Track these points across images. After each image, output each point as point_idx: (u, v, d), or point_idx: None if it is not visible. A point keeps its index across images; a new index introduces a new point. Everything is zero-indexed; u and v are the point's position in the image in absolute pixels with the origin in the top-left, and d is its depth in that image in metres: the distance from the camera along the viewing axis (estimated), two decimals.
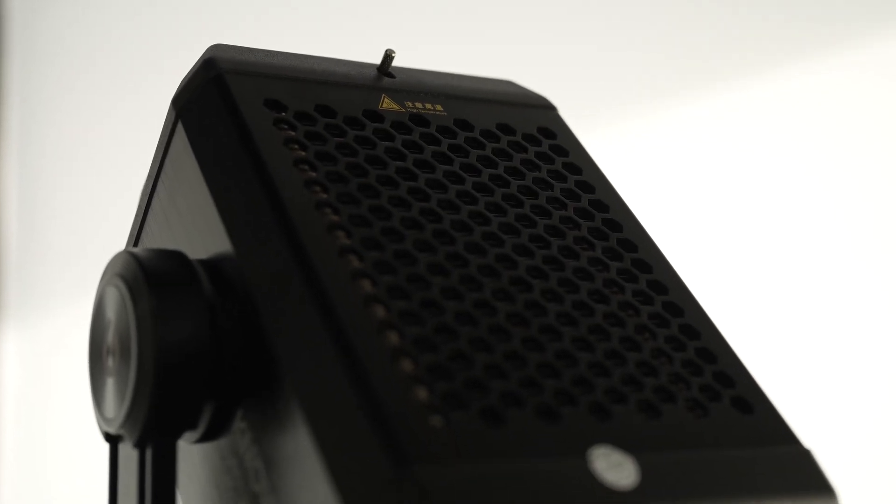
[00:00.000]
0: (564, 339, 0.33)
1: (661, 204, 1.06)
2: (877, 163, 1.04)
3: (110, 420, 0.35)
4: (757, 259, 1.07)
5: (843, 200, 1.05)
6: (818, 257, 1.05)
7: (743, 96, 1.09)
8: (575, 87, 1.05)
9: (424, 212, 0.36)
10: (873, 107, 1.05)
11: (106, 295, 0.35)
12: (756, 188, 1.07)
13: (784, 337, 1.05)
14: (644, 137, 1.10)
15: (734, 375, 0.35)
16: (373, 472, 0.28)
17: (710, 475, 0.31)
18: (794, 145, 1.07)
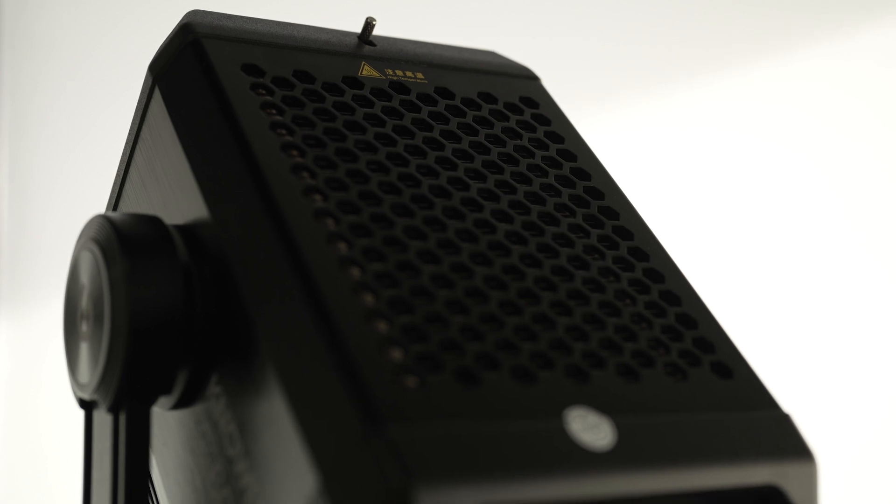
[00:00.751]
0: (542, 303, 0.33)
1: (658, 193, 1.06)
2: (871, 150, 1.03)
3: (84, 385, 0.34)
4: (753, 247, 1.06)
5: (840, 188, 1.05)
6: (814, 243, 1.05)
7: (736, 84, 1.09)
8: (570, 76, 1.05)
9: (403, 177, 0.35)
10: (868, 94, 1.04)
11: (80, 259, 0.35)
12: (752, 176, 1.07)
13: (779, 326, 1.04)
14: (640, 126, 1.10)
15: (714, 341, 0.34)
16: (345, 431, 0.28)
17: (689, 438, 0.31)
18: (790, 133, 1.06)
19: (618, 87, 1.11)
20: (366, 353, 0.29)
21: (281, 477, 0.29)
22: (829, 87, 1.06)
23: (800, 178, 1.06)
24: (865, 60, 1.05)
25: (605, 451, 0.29)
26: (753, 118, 1.08)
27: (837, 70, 1.06)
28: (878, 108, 1.04)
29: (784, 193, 1.07)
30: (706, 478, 0.31)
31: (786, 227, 1.07)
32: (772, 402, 0.33)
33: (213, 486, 0.33)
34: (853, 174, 1.05)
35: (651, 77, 1.11)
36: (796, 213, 1.06)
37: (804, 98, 1.07)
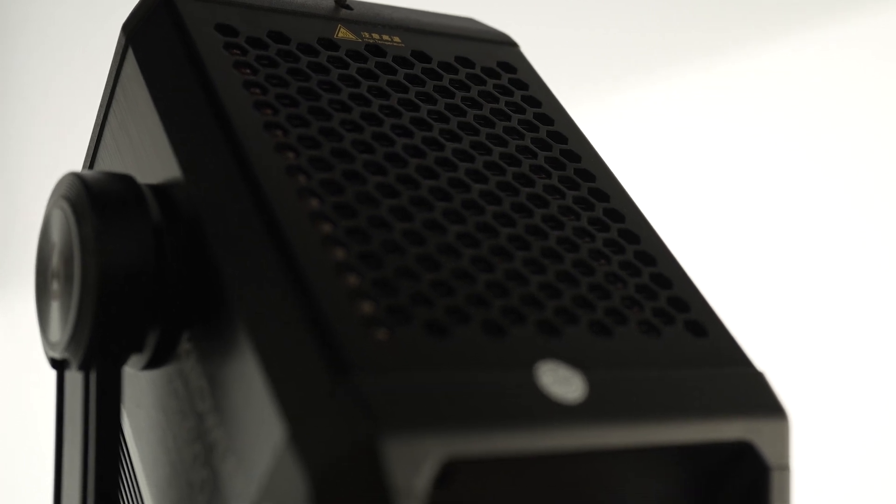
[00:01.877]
0: (515, 260, 0.33)
1: (651, 180, 1.06)
2: (866, 135, 1.04)
3: (55, 344, 0.34)
4: (746, 233, 1.06)
5: (835, 173, 1.05)
6: (809, 228, 1.05)
7: (731, 71, 1.09)
8: (563, 63, 1.04)
9: (377, 136, 0.35)
10: (863, 80, 1.04)
11: (51, 218, 0.35)
12: (746, 161, 1.07)
13: (771, 312, 1.04)
14: (631, 112, 1.10)
15: (689, 300, 0.34)
16: (313, 382, 0.28)
17: (661, 393, 0.31)
18: (783, 118, 1.06)
19: (609, 73, 1.11)
20: (335, 306, 0.29)
21: (250, 429, 0.29)
22: (824, 73, 1.06)
23: (792, 162, 1.06)
24: (858, 47, 1.05)
25: (576, 403, 0.29)
26: (747, 103, 1.08)
27: (830, 56, 1.06)
28: (873, 94, 1.04)
29: (777, 178, 1.07)
30: (678, 432, 0.30)
31: (781, 214, 1.07)
32: (745, 359, 0.33)
33: (184, 442, 0.33)
34: (848, 159, 1.05)
35: (643, 63, 1.11)
36: (791, 199, 1.07)
37: (798, 84, 1.07)
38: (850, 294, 1.05)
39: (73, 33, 1.37)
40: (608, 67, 1.12)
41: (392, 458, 0.26)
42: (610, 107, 1.10)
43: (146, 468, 0.36)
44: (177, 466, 0.33)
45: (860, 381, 1.04)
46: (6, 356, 1.45)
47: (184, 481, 0.33)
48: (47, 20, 1.39)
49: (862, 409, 1.04)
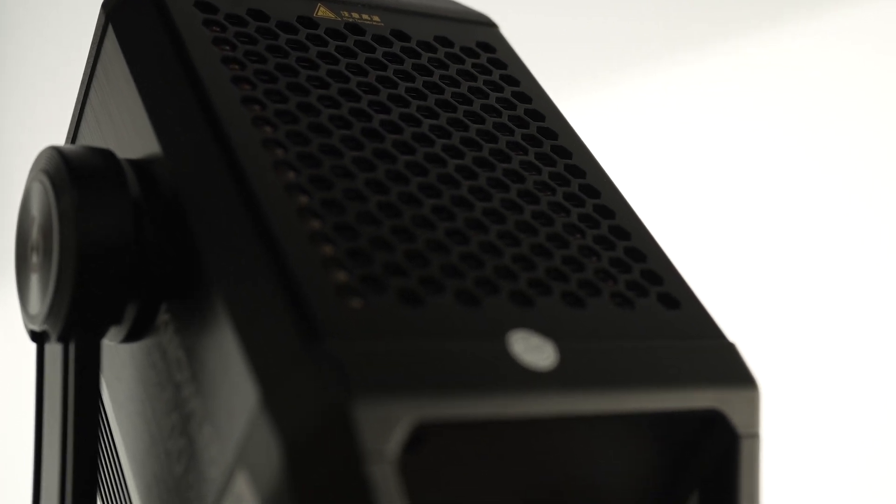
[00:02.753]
0: (490, 233, 0.33)
1: (641, 173, 1.06)
2: (858, 127, 1.04)
3: (34, 316, 0.35)
4: (742, 228, 1.07)
5: (828, 167, 1.06)
6: (801, 220, 1.06)
7: (720, 63, 1.10)
8: (558, 55, 1.05)
9: (354, 112, 0.35)
10: (856, 72, 1.05)
11: (31, 191, 0.35)
12: (740, 155, 1.08)
13: (767, 308, 1.05)
14: (621, 105, 1.10)
15: (663, 274, 0.35)
16: (286, 348, 0.28)
17: (632, 361, 0.31)
18: (776, 111, 1.07)
19: (602, 66, 1.12)
20: (310, 274, 0.29)
21: (225, 397, 0.29)
22: (818, 65, 1.06)
23: (786, 153, 1.07)
24: (852, 39, 1.05)
25: (547, 370, 0.29)
26: (740, 96, 1.08)
27: (825, 47, 1.06)
28: (869, 85, 1.05)
29: (771, 169, 1.07)
30: (648, 400, 0.31)
31: (775, 205, 1.07)
32: (718, 332, 0.34)
33: (162, 413, 0.33)
34: (844, 150, 1.05)
35: (636, 54, 1.11)
36: (786, 191, 1.07)
37: (792, 76, 1.07)
38: (842, 283, 1.05)
39: (66, 26, 1.37)
40: (601, 60, 1.12)
41: (363, 421, 0.26)
42: (603, 100, 1.10)
43: (125, 440, 0.36)
44: (155, 437, 0.33)
45: (856, 375, 1.04)
46: (2, 348, 1.45)
47: (161, 451, 0.33)
48: (40, 15, 1.39)
49: (863, 409, 1.05)
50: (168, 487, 0.32)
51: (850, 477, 1.04)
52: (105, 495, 0.39)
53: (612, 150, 0.41)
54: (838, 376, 1.05)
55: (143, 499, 0.34)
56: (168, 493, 0.32)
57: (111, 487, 0.38)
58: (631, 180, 0.41)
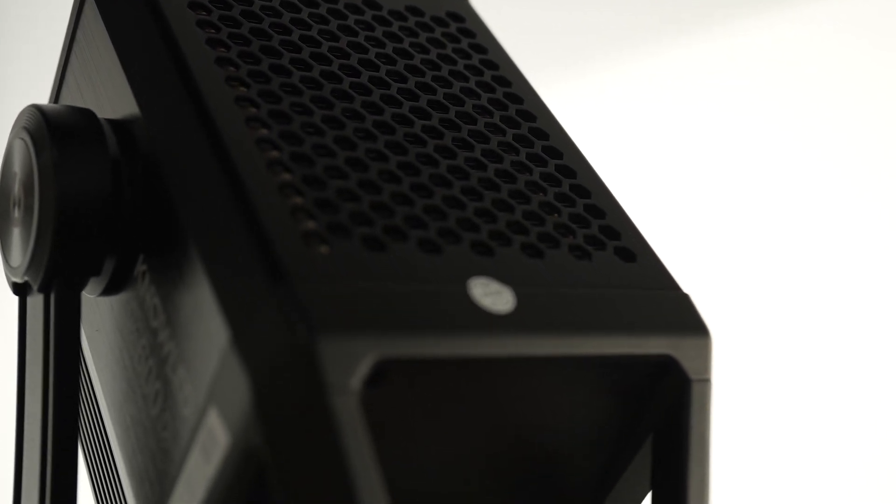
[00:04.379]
0: (454, 188, 0.35)
1: (631, 162, 1.08)
2: (842, 113, 1.05)
3: (16, 269, 0.36)
4: (726, 214, 1.08)
5: (812, 152, 1.07)
6: (789, 208, 1.07)
7: (707, 49, 1.11)
8: (542, 43, 1.06)
9: (325, 74, 0.37)
10: (843, 57, 1.06)
11: (13, 148, 0.36)
12: (725, 141, 1.09)
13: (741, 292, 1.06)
14: (608, 92, 1.11)
15: (621, 229, 0.36)
16: (255, 289, 0.29)
17: (588, 308, 0.33)
18: (760, 97, 1.08)
19: (587, 54, 1.13)
20: (278, 222, 0.31)
21: (197, 338, 0.31)
22: (801, 51, 1.07)
23: (769, 138, 1.08)
24: (825, 26, 1.06)
25: (505, 314, 0.31)
26: (724, 84, 1.09)
27: (809, 34, 1.07)
28: (856, 72, 1.06)
29: (754, 154, 1.08)
30: (603, 345, 0.32)
31: (762, 196, 1.08)
32: (672, 283, 0.35)
33: (139, 359, 0.34)
34: (829, 136, 1.06)
35: (622, 41, 1.12)
36: (771, 178, 1.08)
37: (776, 62, 1.08)
38: (829, 274, 1.06)
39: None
40: (587, 47, 1.13)
41: (326, 357, 0.28)
42: (586, 86, 1.11)
43: (104, 388, 0.37)
44: (132, 382, 0.35)
45: (854, 373, 1.05)
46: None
47: (139, 395, 0.34)
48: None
49: (864, 408, 1.06)
50: (145, 429, 0.34)
51: (850, 476, 1.06)
52: (85, 443, 0.40)
53: (597, 140, 0.42)
54: (836, 372, 1.06)
55: (120, 442, 0.36)
56: (145, 434, 0.34)
57: (90, 435, 0.40)
58: (617, 171, 0.42)
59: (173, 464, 0.32)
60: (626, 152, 1.08)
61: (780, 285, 1.07)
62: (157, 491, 0.33)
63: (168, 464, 0.32)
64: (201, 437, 0.30)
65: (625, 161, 1.06)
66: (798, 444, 1.06)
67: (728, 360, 1.03)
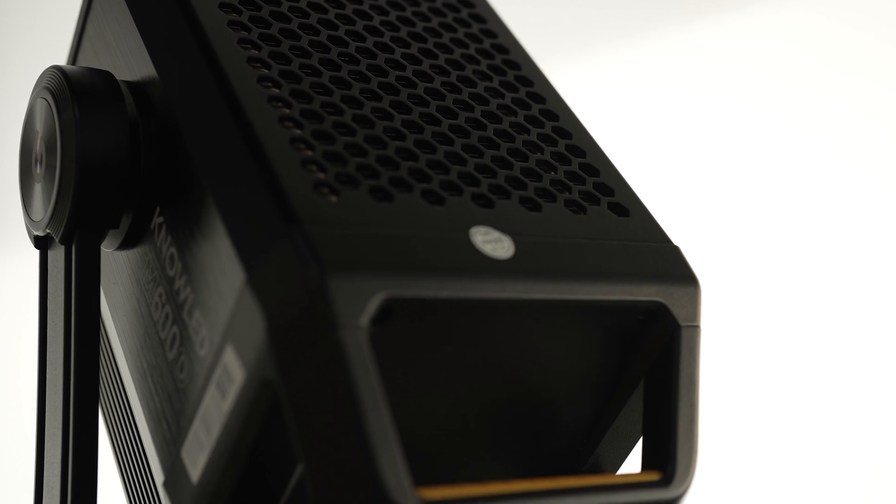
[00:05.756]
0: (455, 145, 0.36)
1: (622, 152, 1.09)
2: (832, 99, 1.06)
3: (38, 222, 0.38)
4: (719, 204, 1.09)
5: (801, 137, 1.08)
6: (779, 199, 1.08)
7: (696, 39, 1.12)
8: (534, 31, 1.07)
9: (332, 39, 0.39)
10: (835, 45, 1.07)
11: (35, 108, 0.38)
12: (714, 132, 1.10)
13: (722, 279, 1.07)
14: (602, 81, 1.12)
15: (615, 186, 0.38)
16: (269, 233, 0.31)
17: (584, 257, 0.34)
18: (749, 85, 1.09)
19: (577, 43, 1.14)
20: (290, 172, 0.32)
21: (214, 282, 0.32)
22: (796, 41, 1.08)
23: (762, 128, 1.09)
24: (812, 14, 1.08)
25: (505, 259, 0.33)
26: (715, 71, 1.10)
27: (798, 24, 1.09)
28: (846, 59, 1.07)
29: (747, 142, 1.09)
30: (597, 291, 0.34)
31: (755, 186, 1.09)
32: (664, 236, 0.37)
33: (156, 307, 0.36)
34: (819, 126, 1.08)
35: (622, 29, 1.13)
36: (764, 168, 1.09)
37: (770, 52, 1.09)
38: (820, 264, 1.08)
39: None
40: (576, 36, 1.14)
41: (337, 295, 0.30)
42: (588, 73, 1.12)
43: (122, 338, 0.39)
44: (149, 330, 0.37)
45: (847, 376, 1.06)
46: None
47: (156, 341, 0.36)
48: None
49: (866, 408, 1.07)
50: (161, 373, 0.36)
51: (851, 475, 1.07)
52: (101, 393, 0.42)
53: (600, 128, 0.43)
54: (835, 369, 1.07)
55: (138, 387, 0.37)
56: (162, 378, 0.36)
57: (106, 386, 0.41)
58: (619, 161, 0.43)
59: (190, 403, 0.34)
60: (627, 141, 1.09)
61: (778, 274, 1.08)
62: (174, 430, 0.35)
63: (185, 404, 0.34)
64: (217, 374, 0.32)
65: (626, 150, 1.08)
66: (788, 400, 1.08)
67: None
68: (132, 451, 0.39)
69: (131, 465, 0.39)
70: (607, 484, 0.33)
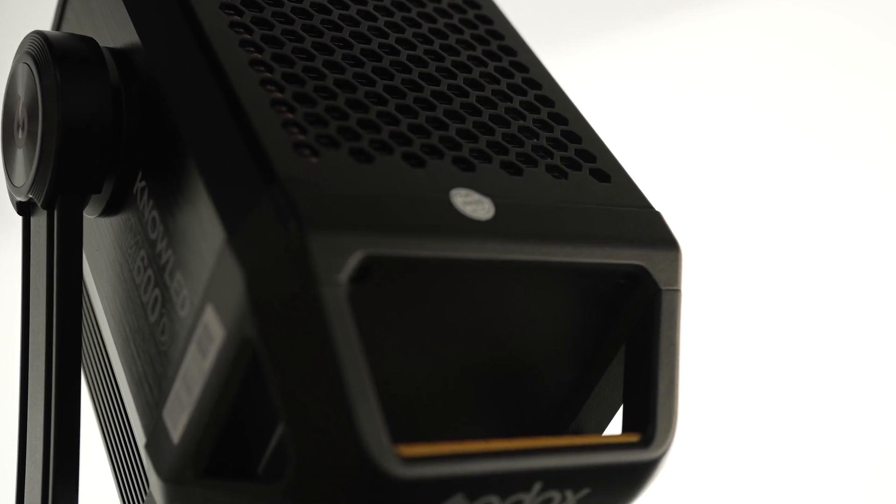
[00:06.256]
0: (437, 110, 0.36)
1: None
2: (826, 90, 1.07)
3: (20, 188, 0.38)
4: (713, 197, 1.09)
5: (792, 127, 1.08)
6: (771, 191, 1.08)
7: (687, 30, 1.12)
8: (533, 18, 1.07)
9: (315, 6, 0.39)
10: (814, 36, 1.07)
11: (17, 73, 0.38)
12: (711, 121, 1.10)
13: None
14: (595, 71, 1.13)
15: (596, 153, 0.38)
16: (249, 192, 0.31)
17: (565, 220, 0.35)
18: (741, 76, 1.09)
19: (586, 29, 1.14)
20: (270, 133, 0.32)
21: (195, 243, 0.33)
22: (788, 32, 1.09)
23: (754, 117, 1.09)
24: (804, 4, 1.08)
25: (485, 220, 0.33)
26: (705, 62, 1.10)
27: (789, 14, 1.09)
28: (839, 51, 1.07)
29: (739, 132, 1.10)
30: (578, 253, 0.34)
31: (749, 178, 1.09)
32: (645, 202, 0.37)
33: (138, 271, 0.36)
34: (808, 116, 1.08)
35: (605, 20, 1.13)
36: (758, 160, 1.09)
37: (762, 43, 1.10)
38: (809, 255, 1.08)
39: None
40: (571, 26, 1.14)
41: (317, 252, 0.30)
42: (573, 64, 1.13)
43: (104, 303, 0.39)
44: (131, 294, 0.37)
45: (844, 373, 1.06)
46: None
47: (138, 305, 0.36)
48: None
49: (869, 407, 1.07)
50: (144, 336, 0.36)
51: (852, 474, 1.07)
52: (85, 361, 0.42)
53: (599, 117, 0.43)
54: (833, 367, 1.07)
55: (120, 352, 0.37)
56: (144, 342, 0.36)
57: (89, 352, 0.41)
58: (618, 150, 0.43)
59: (171, 365, 0.34)
60: (623, 132, 1.09)
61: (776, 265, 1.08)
62: (155, 393, 0.35)
63: (166, 366, 0.34)
64: (198, 333, 0.32)
65: (622, 141, 1.08)
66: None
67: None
68: (115, 416, 0.39)
69: (113, 429, 0.39)
70: (587, 444, 0.33)
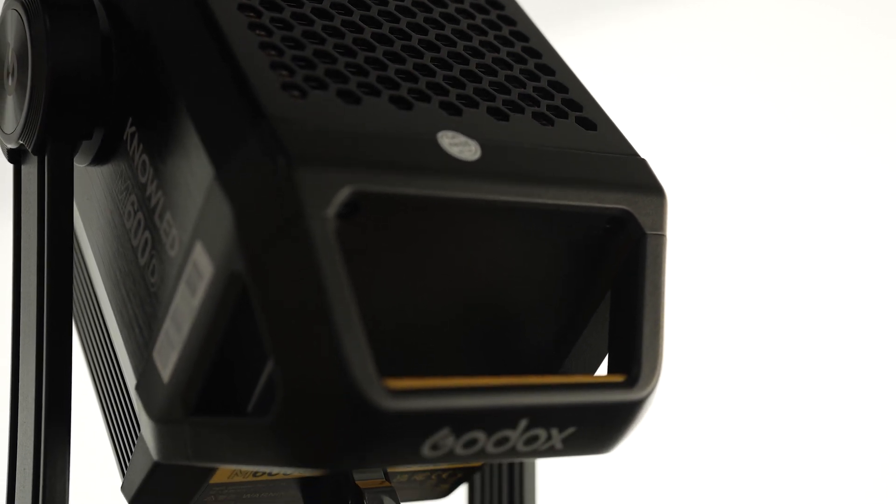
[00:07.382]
0: (425, 58, 0.37)
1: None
2: (821, 83, 1.07)
3: (10, 134, 0.38)
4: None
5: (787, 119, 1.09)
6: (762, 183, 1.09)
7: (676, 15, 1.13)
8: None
9: None
10: (808, 24, 1.08)
11: (6, 20, 0.39)
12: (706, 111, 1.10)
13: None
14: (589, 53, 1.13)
15: (583, 103, 0.39)
16: (237, 130, 0.32)
17: (551, 163, 0.35)
18: (734, 63, 1.09)
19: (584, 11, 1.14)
20: (259, 73, 0.33)
21: (184, 182, 0.33)
22: (782, 24, 1.09)
23: (748, 107, 1.09)
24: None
25: (471, 161, 0.33)
26: (698, 50, 1.10)
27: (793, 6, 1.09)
28: (833, 42, 1.07)
29: (732, 122, 1.10)
30: (564, 196, 0.34)
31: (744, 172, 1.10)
32: (631, 149, 0.37)
33: (128, 216, 0.37)
34: (800, 106, 1.08)
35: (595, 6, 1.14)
36: (754, 152, 1.10)
37: (755, 32, 1.10)
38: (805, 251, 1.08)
39: None
40: (555, 9, 1.15)
41: (305, 186, 0.30)
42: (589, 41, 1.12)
43: (95, 251, 0.39)
44: (122, 239, 0.37)
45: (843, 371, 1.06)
46: None
47: (128, 249, 0.36)
48: None
49: (870, 407, 1.07)
50: (134, 279, 0.36)
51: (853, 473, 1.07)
52: (76, 309, 0.42)
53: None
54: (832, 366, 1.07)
55: (111, 297, 0.38)
56: (134, 284, 0.36)
57: (80, 299, 0.42)
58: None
59: (161, 305, 0.34)
60: (616, 117, 1.10)
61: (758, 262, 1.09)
62: (146, 334, 0.35)
63: (156, 307, 0.34)
64: (187, 272, 0.32)
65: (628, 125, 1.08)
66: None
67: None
68: (105, 362, 0.39)
69: (104, 375, 0.39)
70: (572, 383, 0.34)
